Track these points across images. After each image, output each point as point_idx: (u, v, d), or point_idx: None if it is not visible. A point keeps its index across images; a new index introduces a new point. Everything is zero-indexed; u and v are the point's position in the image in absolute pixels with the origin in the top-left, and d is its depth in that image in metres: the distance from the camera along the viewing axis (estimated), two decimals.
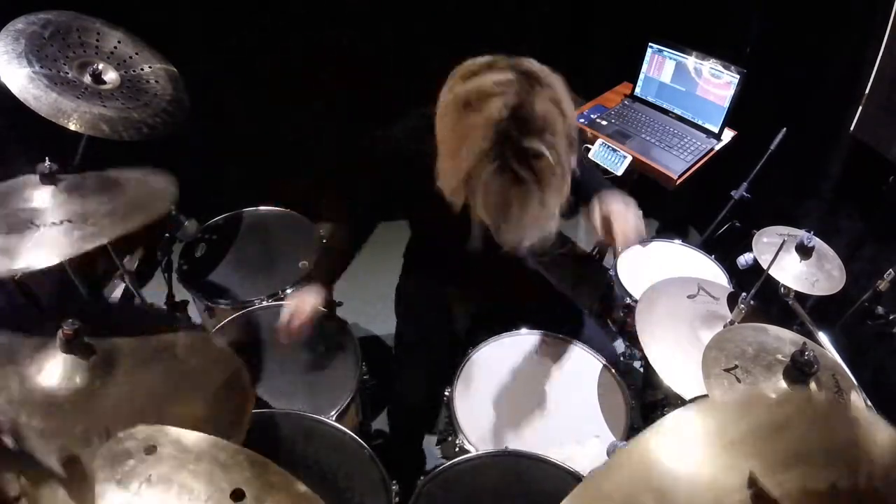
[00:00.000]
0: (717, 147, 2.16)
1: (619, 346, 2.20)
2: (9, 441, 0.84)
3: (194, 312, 2.03)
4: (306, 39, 2.47)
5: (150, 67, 1.53)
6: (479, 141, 1.05)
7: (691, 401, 1.36)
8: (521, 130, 1.04)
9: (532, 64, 1.12)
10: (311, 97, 2.63)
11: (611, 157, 2.10)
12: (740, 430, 0.64)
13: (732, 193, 2.16)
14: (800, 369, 1.05)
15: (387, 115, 1.43)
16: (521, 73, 1.08)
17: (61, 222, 1.08)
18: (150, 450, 0.70)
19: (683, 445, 0.64)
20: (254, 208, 2.08)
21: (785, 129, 2.04)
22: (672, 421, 0.65)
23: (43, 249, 1.02)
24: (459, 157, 1.09)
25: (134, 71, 1.50)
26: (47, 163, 1.15)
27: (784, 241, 1.41)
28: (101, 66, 1.43)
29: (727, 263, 2.00)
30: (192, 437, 0.73)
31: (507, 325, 1.66)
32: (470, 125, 1.07)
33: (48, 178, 1.14)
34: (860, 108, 1.99)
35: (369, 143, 1.44)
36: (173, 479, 0.68)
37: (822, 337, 1.32)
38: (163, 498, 0.67)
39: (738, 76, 2.05)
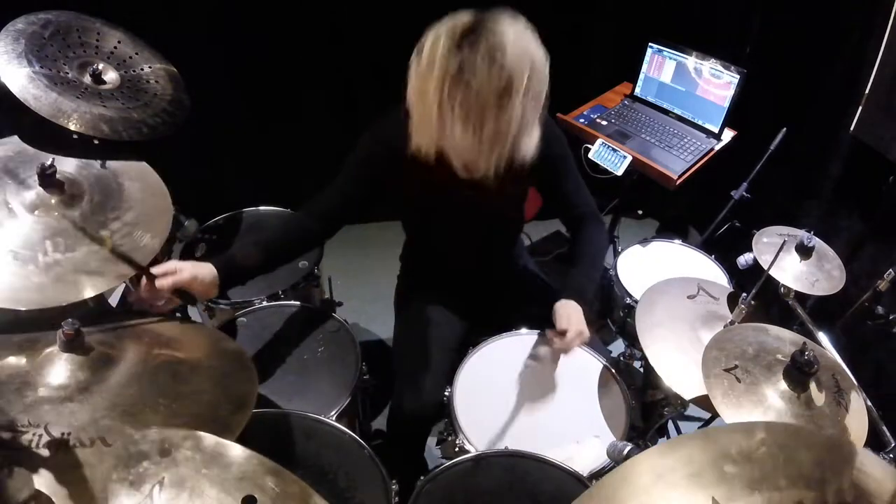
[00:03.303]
0: (717, 147, 2.16)
1: (620, 346, 2.21)
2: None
3: (194, 312, 2.02)
4: (307, 38, 2.47)
5: (150, 67, 1.52)
6: (442, 68, 1.14)
7: (691, 401, 1.37)
8: (475, 46, 1.12)
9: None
10: (311, 96, 2.63)
11: (611, 157, 2.10)
12: (702, 461, 0.64)
13: (732, 193, 2.16)
14: (800, 369, 1.06)
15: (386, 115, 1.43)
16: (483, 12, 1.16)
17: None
18: (165, 452, 0.70)
19: (644, 483, 0.65)
20: (254, 208, 2.08)
21: (785, 129, 2.04)
22: (632, 463, 0.67)
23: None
24: (426, 95, 1.17)
25: (134, 71, 1.50)
26: (50, 161, 1.15)
27: (784, 241, 1.41)
28: (101, 66, 1.42)
29: (727, 263, 2.00)
30: (207, 441, 0.73)
31: (507, 325, 1.66)
32: (431, 59, 1.15)
33: (46, 180, 1.14)
34: (860, 108, 1.99)
35: (362, 140, 1.45)
36: (186, 482, 0.68)
37: (822, 337, 1.32)
38: (174, 502, 0.67)
39: (738, 76, 2.04)
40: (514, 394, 1.49)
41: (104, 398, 0.95)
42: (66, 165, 1.24)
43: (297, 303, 1.74)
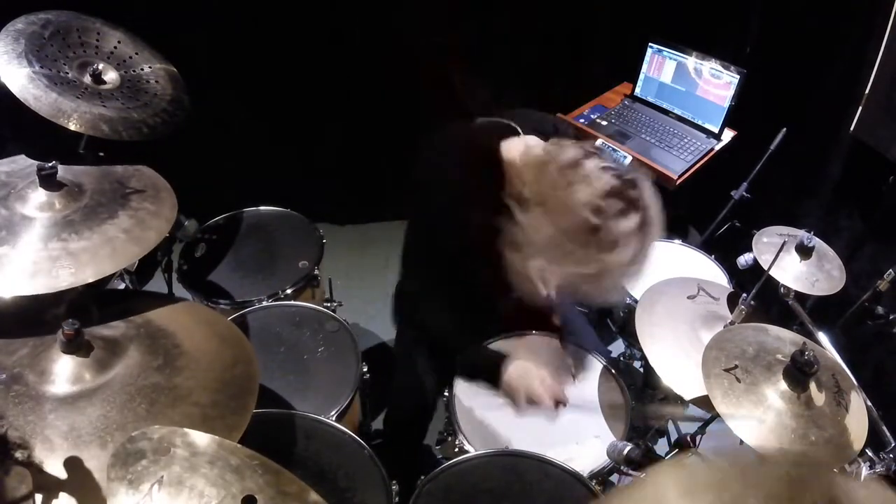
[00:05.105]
0: (717, 147, 2.16)
1: (620, 346, 2.21)
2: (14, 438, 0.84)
3: None
4: (307, 38, 2.47)
5: (150, 67, 1.52)
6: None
7: (691, 401, 1.37)
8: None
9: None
10: (311, 97, 2.63)
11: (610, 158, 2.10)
12: (671, 497, 0.63)
13: (732, 193, 2.16)
14: (800, 369, 1.06)
15: (389, 113, 1.42)
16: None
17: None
18: (164, 451, 0.70)
19: None
20: (254, 208, 2.08)
21: (785, 129, 2.04)
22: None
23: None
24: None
25: (134, 71, 1.50)
26: (51, 162, 1.14)
27: (784, 241, 1.41)
28: (101, 66, 1.42)
29: (727, 263, 2.00)
30: (205, 440, 0.73)
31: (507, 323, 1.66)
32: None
33: (46, 180, 1.14)
34: (860, 108, 1.99)
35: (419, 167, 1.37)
36: (185, 481, 0.68)
37: (822, 337, 1.32)
38: (173, 500, 0.66)
39: (738, 76, 2.05)
40: None
41: (103, 397, 0.95)
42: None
43: (297, 303, 1.74)
